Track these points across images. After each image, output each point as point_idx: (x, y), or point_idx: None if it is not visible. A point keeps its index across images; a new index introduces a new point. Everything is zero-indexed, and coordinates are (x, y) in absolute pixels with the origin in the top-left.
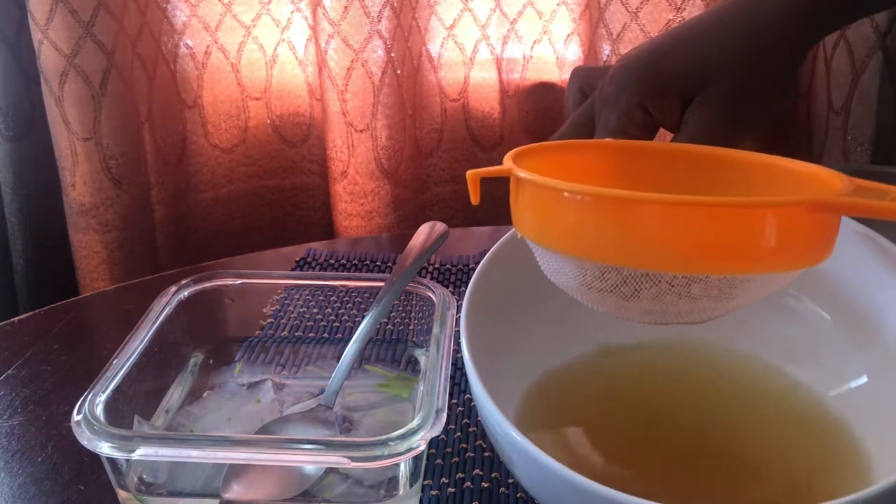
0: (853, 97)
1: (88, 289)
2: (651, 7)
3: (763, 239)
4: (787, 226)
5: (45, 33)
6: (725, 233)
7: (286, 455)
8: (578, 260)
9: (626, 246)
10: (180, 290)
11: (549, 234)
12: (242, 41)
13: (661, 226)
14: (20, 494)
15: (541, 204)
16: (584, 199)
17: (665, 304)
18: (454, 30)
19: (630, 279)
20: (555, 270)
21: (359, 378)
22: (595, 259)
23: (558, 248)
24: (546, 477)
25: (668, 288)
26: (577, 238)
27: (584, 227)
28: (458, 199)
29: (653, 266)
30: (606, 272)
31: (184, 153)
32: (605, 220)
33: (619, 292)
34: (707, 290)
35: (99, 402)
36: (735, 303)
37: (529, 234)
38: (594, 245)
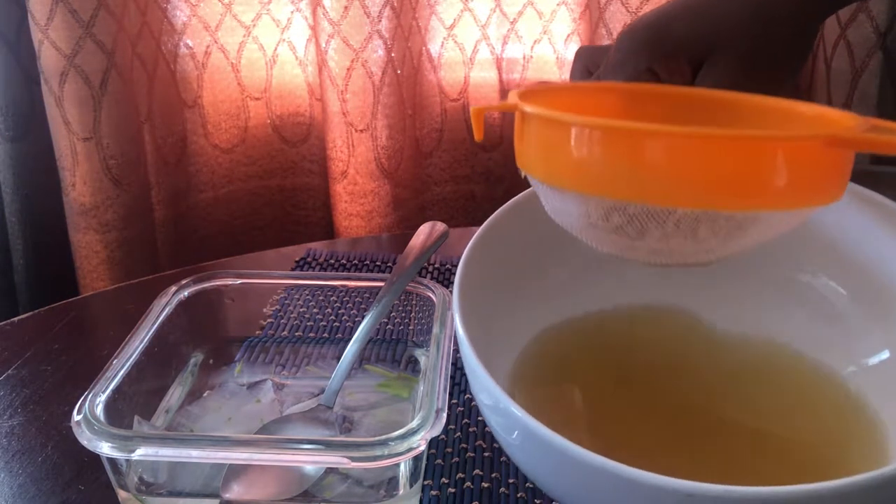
0: (853, 97)
1: (88, 289)
2: (651, 7)
3: (776, 174)
4: (800, 161)
5: (45, 33)
6: (738, 167)
7: (286, 455)
8: (584, 197)
9: (635, 181)
10: (180, 290)
11: (555, 171)
12: (242, 41)
13: (671, 159)
14: (20, 494)
15: (547, 139)
16: (592, 131)
17: (671, 245)
18: (454, 30)
19: (636, 218)
20: (560, 210)
21: (359, 378)
22: (603, 195)
23: (564, 185)
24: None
25: (674, 229)
26: (583, 174)
27: (591, 161)
28: (458, 199)
29: (662, 201)
30: (612, 211)
31: (184, 153)
32: (613, 154)
33: (625, 232)
34: (714, 231)
35: (99, 402)
36: (742, 244)
37: (534, 172)
38: (602, 180)
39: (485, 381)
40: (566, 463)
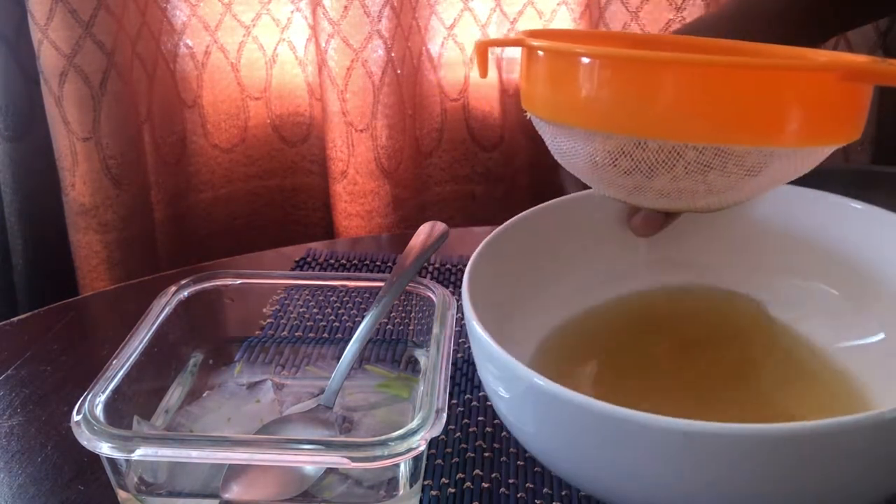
0: None
1: (88, 289)
2: (651, 7)
3: (790, 107)
4: (815, 94)
5: (44, 33)
6: (751, 99)
7: (286, 455)
8: (592, 137)
9: (646, 114)
10: (180, 290)
11: (562, 108)
12: (242, 41)
13: (681, 89)
14: (20, 494)
15: (554, 74)
16: (601, 61)
17: (681, 186)
18: (454, 29)
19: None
20: (566, 151)
21: (359, 378)
22: (611, 131)
23: (573, 122)
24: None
25: (683, 173)
26: (592, 108)
27: (600, 94)
28: (458, 199)
29: (674, 136)
30: (620, 155)
31: (184, 153)
32: (623, 86)
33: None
34: (724, 174)
35: (99, 402)
36: (753, 186)
37: (541, 111)
38: (610, 115)
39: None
40: (566, 411)
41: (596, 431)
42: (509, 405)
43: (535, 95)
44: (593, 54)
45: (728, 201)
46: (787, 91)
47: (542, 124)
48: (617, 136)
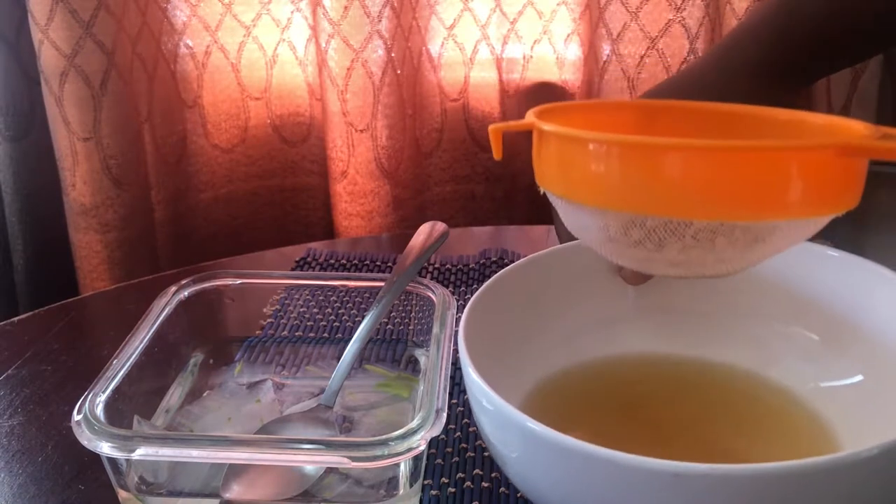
0: (853, 97)
1: (88, 289)
2: (651, 7)
3: (790, 184)
4: (813, 170)
5: (45, 33)
6: (752, 177)
7: (286, 455)
8: (603, 212)
9: (652, 195)
10: (180, 290)
11: (573, 187)
12: (242, 41)
13: (686, 172)
14: (20, 494)
15: (564, 156)
16: (608, 147)
17: (690, 257)
18: (454, 30)
19: (655, 231)
20: (579, 226)
21: (359, 378)
22: (621, 209)
23: (583, 201)
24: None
25: (692, 242)
26: (601, 189)
27: (608, 176)
28: (458, 199)
29: (679, 214)
30: (630, 226)
31: (184, 153)
32: (630, 169)
33: (644, 245)
34: (732, 243)
35: (99, 401)
36: (760, 253)
37: (553, 189)
38: (619, 195)
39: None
40: (558, 454)
41: (586, 472)
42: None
43: (547, 174)
44: (600, 140)
45: (737, 267)
46: (787, 169)
47: (556, 199)
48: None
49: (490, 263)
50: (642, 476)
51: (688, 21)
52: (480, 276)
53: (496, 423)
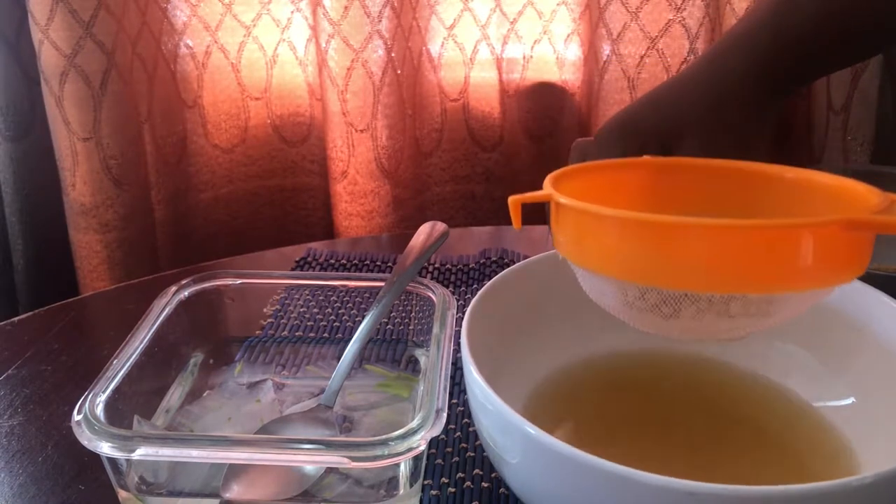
0: (853, 97)
1: (88, 289)
2: (651, 7)
3: (799, 258)
4: (822, 244)
5: (45, 33)
6: (762, 253)
7: (286, 455)
8: (619, 281)
9: (666, 268)
10: (180, 290)
11: (589, 257)
12: (242, 41)
13: (698, 248)
14: (21, 494)
15: (581, 228)
16: (623, 223)
17: (704, 322)
18: (454, 30)
19: (670, 298)
20: (596, 290)
21: (359, 378)
22: (636, 281)
23: (599, 271)
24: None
25: (707, 306)
26: (617, 261)
27: (624, 250)
28: (458, 199)
29: (692, 287)
30: (647, 292)
31: (184, 153)
32: (644, 244)
33: (660, 311)
34: (745, 308)
35: (99, 401)
36: (773, 320)
37: (570, 257)
38: (635, 267)
39: (487, 395)
40: (570, 469)
41: (598, 489)
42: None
43: (564, 242)
44: (615, 217)
45: (750, 332)
46: (796, 244)
47: (573, 266)
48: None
49: (490, 263)
50: (655, 494)
51: (688, 21)
52: (480, 276)
53: (498, 427)
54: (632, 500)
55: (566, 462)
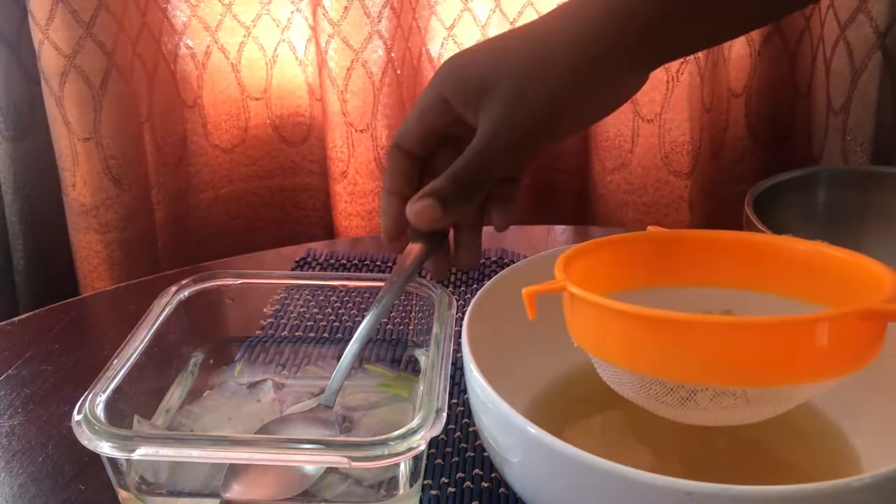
0: (853, 97)
1: (88, 289)
2: None
3: (817, 350)
4: (839, 335)
5: (45, 33)
6: (777, 347)
7: (286, 455)
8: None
9: (682, 363)
10: (180, 290)
11: (604, 349)
12: (242, 41)
13: (714, 344)
14: (21, 494)
15: (595, 320)
16: (636, 318)
17: (721, 410)
18: (454, 30)
19: (685, 388)
20: (614, 380)
21: (359, 378)
22: (651, 374)
23: (614, 363)
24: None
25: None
26: (632, 354)
27: (638, 344)
28: None
29: (708, 381)
30: (664, 384)
31: (184, 153)
32: (659, 339)
33: (678, 393)
34: (763, 396)
35: (99, 401)
36: (790, 404)
37: (586, 347)
38: (650, 361)
39: (488, 395)
40: (570, 468)
41: (598, 488)
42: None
43: (579, 331)
44: (626, 312)
45: (767, 414)
46: (813, 337)
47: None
48: None
49: (490, 263)
50: (654, 493)
51: None
52: (480, 275)
53: (499, 426)
54: (630, 499)
55: (567, 461)
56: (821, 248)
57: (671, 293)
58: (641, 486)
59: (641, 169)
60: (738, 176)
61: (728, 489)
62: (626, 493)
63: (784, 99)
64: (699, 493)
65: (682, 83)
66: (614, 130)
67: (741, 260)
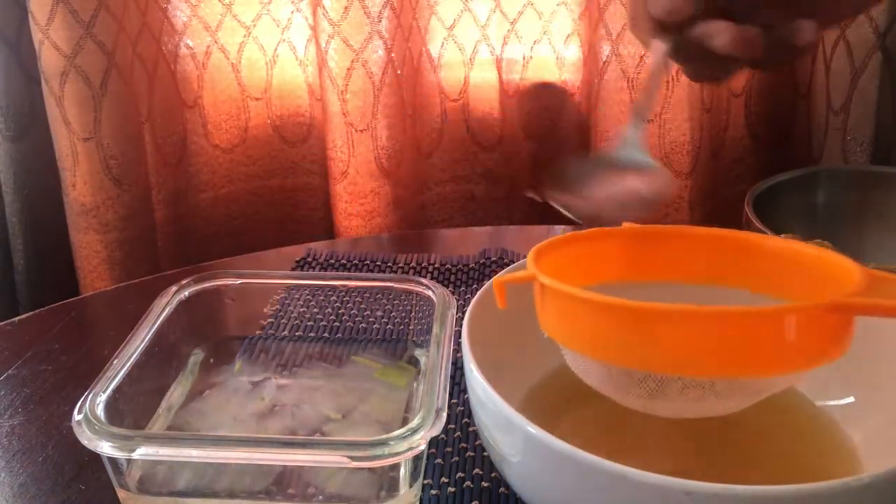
0: (853, 97)
1: (88, 289)
2: None
3: (785, 342)
4: (807, 328)
5: (45, 33)
6: (746, 338)
7: (286, 455)
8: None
9: (650, 353)
10: (180, 290)
11: (573, 339)
12: (242, 41)
13: (682, 334)
14: (21, 494)
15: (564, 310)
16: (603, 307)
17: (690, 401)
18: (454, 30)
19: (654, 379)
20: (583, 371)
21: (356, 368)
22: (620, 364)
23: (583, 352)
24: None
25: (692, 384)
26: (601, 344)
27: (607, 334)
28: (458, 199)
29: (676, 371)
30: (632, 374)
31: (184, 153)
32: (627, 329)
33: (646, 384)
34: (731, 388)
35: (99, 401)
36: (759, 397)
37: (555, 337)
38: (618, 351)
39: (488, 394)
40: (570, 467)
41: (597, 487)
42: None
43: (549, 322)
44: (597, 302)
45: (737, 406)
46: (781, 328)
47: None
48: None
49: (490, 263)
50: (654, 493)
51: None
52: (480, 275)
53: (499, 426)
54: (630, 498)
55: (566, 461)
56: (793, 244)
57: (645, 288)
58: (641, 485)
59: None
60: (738, 176)
61: (728, 489)
62: (626, 492)
63: (784, 99)
64: (699, 492)
65: (682, 83)
66: (614, 130)
67: (715, 256)
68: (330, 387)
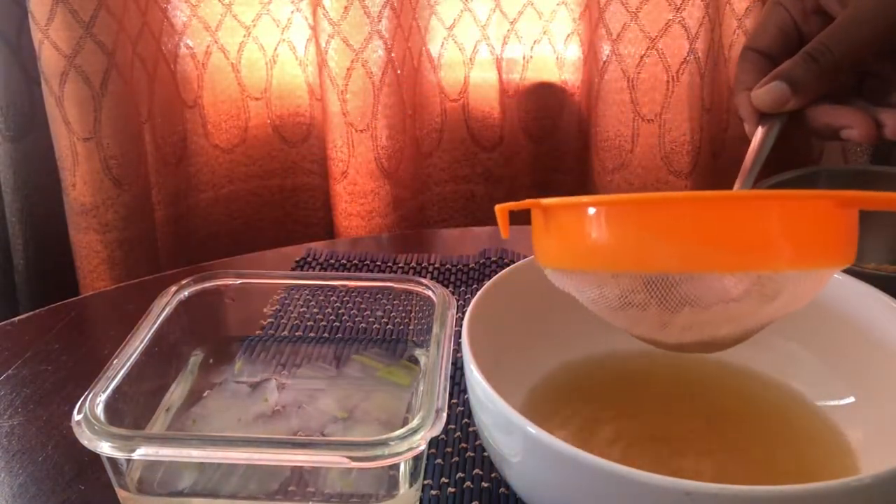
0: None
1: (88, 289)
2: (651, 7)
3: (794, 232)
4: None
5: (45, 33)
6: (754, 226)
7: (286, 455)
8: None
9: (663, 249)
10: (180, 290)
11: (581, 257)
12: (242, 41)
13: (691, 224)
14: (21, 494)
15: (572, 227)
16: (613, 208)
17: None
18: (454, 30)
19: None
20: (588, 297)
21: (359, 367)
22: (631, 269)
23: (593, 267)
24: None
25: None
26: (609, 252)
27: (615, 238)
28: (458, 199)
29: (686, 268)
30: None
31: (184, 153)
32: (631, 227)
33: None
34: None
35: (99, 401)
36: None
37: (561, 263)
38: (629, 255)
39: (488, 394)
40: (570, 468)
41: (597, 488)
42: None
43: (553, 249)
44: (603, 203)
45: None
46: (788, 218)
47: (564, 277)
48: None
49: (490, 263)
50: (654, 493)
51: (687, 21)
52: (480, 275)
53: (499, 426)
54: (630, 499)
55: (567, 461)
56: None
57: None
58: (641, 486)
59: (641, 169)
60: (738, 176)
61: (728, 489)
62: (626, 492)
63: None
64: (699, 493)
65: (682, 83)
66: (614, 130)
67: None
68: (333, 386)
